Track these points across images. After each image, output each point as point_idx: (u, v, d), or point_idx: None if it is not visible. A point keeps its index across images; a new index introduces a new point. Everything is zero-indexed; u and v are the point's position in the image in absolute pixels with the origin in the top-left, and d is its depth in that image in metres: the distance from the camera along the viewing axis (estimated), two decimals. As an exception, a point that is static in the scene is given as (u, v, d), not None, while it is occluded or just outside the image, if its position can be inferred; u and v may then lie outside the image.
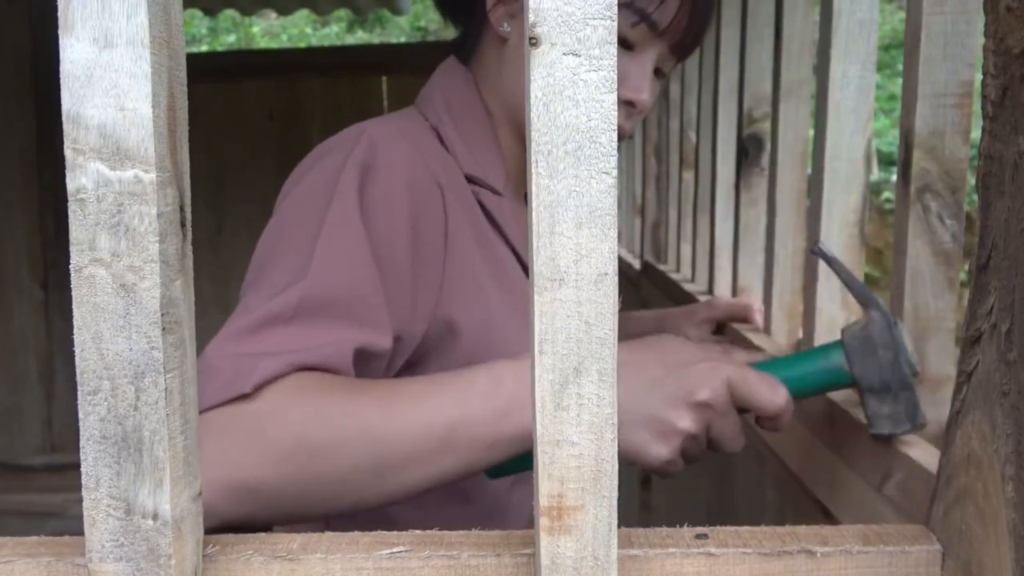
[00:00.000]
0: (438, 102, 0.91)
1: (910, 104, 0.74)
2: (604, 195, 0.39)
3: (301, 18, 10.06)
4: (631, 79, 0.87)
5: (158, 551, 0.41)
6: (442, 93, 0.92)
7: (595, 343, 0.40)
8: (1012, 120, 0.40)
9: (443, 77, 0.94)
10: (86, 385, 0.40)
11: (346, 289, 0.72)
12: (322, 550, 0.45)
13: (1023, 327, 0.40)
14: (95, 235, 0.39)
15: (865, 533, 0.47)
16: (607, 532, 0.42)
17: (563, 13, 0.38)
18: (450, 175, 0.84)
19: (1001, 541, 0.41)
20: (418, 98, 0.95)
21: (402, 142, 0.81)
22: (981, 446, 0.44)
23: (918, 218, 0.75)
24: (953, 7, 0.72)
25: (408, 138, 0.83)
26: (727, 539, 0.46)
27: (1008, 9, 0.40)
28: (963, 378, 0.46)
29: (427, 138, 0.87)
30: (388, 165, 0.78)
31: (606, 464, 0.41)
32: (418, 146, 0.83)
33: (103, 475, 0.41)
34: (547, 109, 0.38)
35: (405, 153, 0.80)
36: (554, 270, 0.40)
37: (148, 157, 0.38)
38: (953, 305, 0.76)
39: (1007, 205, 0.41)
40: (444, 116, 0.90)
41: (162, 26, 0.39)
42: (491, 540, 0.46)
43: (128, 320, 0.39)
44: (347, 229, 0.74)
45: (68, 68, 0.38)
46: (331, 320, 0.71)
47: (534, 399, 0.41)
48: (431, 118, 0.90)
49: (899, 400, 0.71)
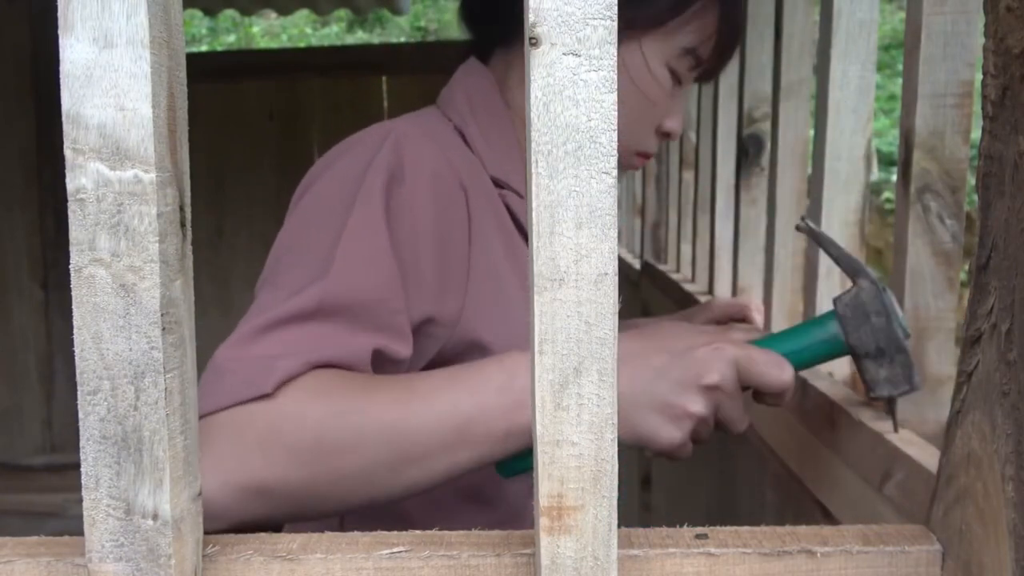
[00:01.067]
0: (461, 103, 0.90)
1: (910, 104, 0.74)
2: (604, 195, 0.39)
3: (301, 18, 10.06)
4: (676, 112, 0.91)
5: (158, 551, 0.41)
6: (465, 94, 0.91)
7: (595, 343, 0.40)
8: (1012, 120, 0.40)
9: (466, 78, 0.93)
10: (86, 385, 0.40)
11: (367, 292, 0.71)
12: (322, 550, 0.45)
13: (1023, 327, 0.40)
14: (95, 235, 0.39)
15: (865, 533, 0.47)
16: (607, 532, 0.42)
17: (563, 13, 0.38)
18: (476, 178, 0.84)
19: (1001, 541, 0.41)
20: (440, 98, 0.94)
21: (429, 144, 0.80)
22: (981, 446, 0.44)
23: (918, 218, 0.75)
24: (953, 7, 0.72)
25: (435, 140, 0.82)
26: (727, 539, 0.46)
27: (1008, 9, 0.40)
28: (963, 378, 0.46)
29: (452, 140, 0.86)
30: (415, 169, 0.77)
31: (606, 464, 0.41)
32: (444, 148, 0.82)
33: (103, 475, 0.41)
34: (547, 109, 0.38)
35: (432, 156, 0.79)
36: (554, 270, 0.40)
37: (148, 157, 0.38)
38: (953, 305, 0.76)
39: (1007, 205, 0.41)
40: (468, 117, 0.89)
41: (162, 26, 0.39)
42: (491, 540, 0.46)
43: (128, 320, 0.39)
44: (371, 232, 0.73)
45: (68, 68, 0.38)
46: (350, 322, 0.70)
47: (534, 399, 0.41)
48: (455, 119, 0.89)
49: (895, 363, 0.72)
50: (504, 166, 0.89)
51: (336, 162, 0.80)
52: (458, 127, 0.88)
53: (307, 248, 0.74)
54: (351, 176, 0.76)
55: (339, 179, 0.77)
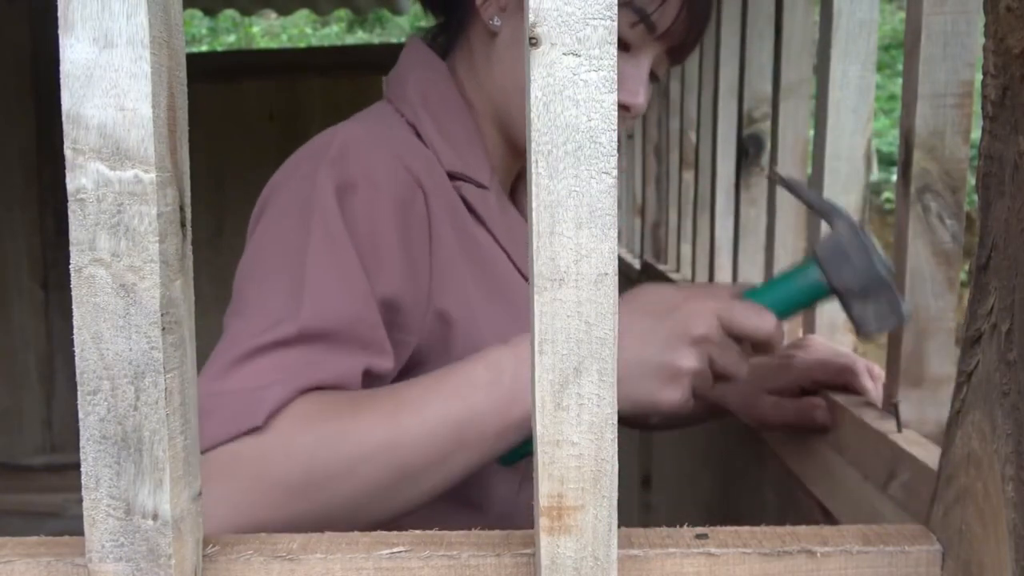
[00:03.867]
0: (413, 97, 0.87)
1: (910, 104, 0.74)
2: (604, 195, 0.39)
3: (301, 18, 10.06)
4: (627, 81, 0.85)
5: (158, 551, 0.41)
6: (417, 87, 0.88)
7: (595, 343, 0.40)
8: (1012, 120, 0.40)
9: (416, 71, 0.90)
10: (86, 385, 0.40)
11: (344, 313, 0.70)
12: (322, 550, 0.45)
13: (1023, 327, 0.40)
14: (95, 235, 0.39)
15: (865, 533, 0.47)
16: (607, 532, 0.42)
17: (563, 13, 0.38)
18: (430, 173, 0.82)
19: (1001, 541, 0.41)
20: (388, 91, 0.91)
21: (377, 149, 0.78)
22: (981, 446, 0.44)
23: (918, 218, 0.75)
24: (953, 7, 0.72)
25: (384, 143, 0.80)
26: (727, 539, 0.46)
27: (1008, 9, 0.40)
28: (963, 378, 0.46)
29: (404, 136, 0.84)
30: (366, 177, 0.76)
31: (606, 464, 0.41)
32: (394, 149, 0.80)
33: (103, 475, 0.41)
34: (547, 109, 0.38)
35: (382, 161, 0.78)
36: (554, 270, 0.40)
37: (148, 157, 0.38)
38: (953, 305, 0.76)
39: (1007, 205, 0.41)
40: (421, 111, 0.86)
41: (162, 26, 0.39)
42: (491, 540, 0.46)
43: (128, 320, 0.39)
44: (334, 249, 0.72)
45: (68, 68, 0.38)
46: (334, 344, 0.69)
47: (534, 399, 0.41)
48: (407, 113, 0.87)
49: (881, 299, 0.72)
50: (463, 159, 0.87)
51: (286, 182, 0.78)
52: (411, 121, 0.86)
53: (274, 276, 0.72)
54: (302, 195, 0.75)
55: (290, 201, 0.76)
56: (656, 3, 0.82)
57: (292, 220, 0.74)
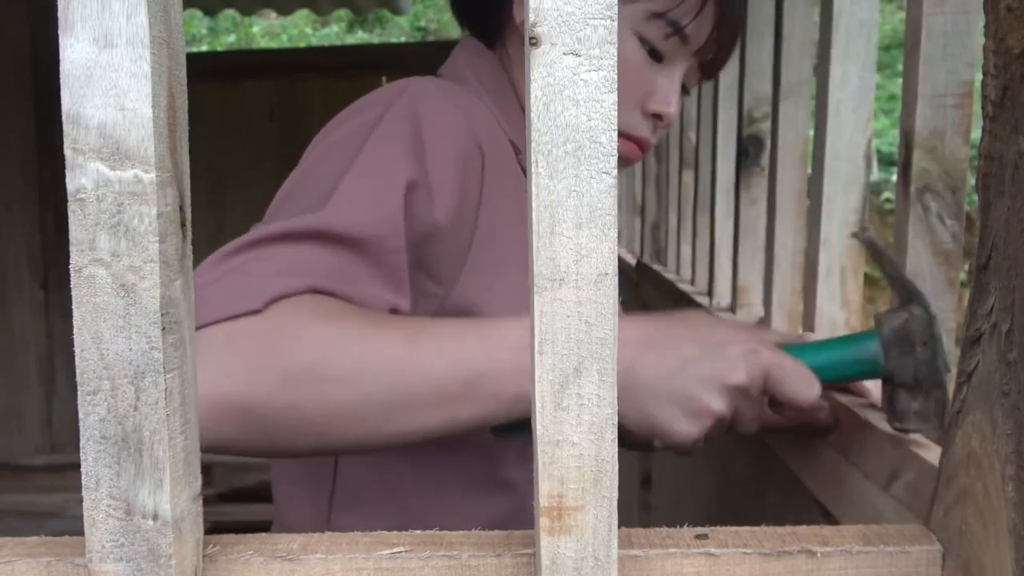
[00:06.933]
0: (470, 78, 0.87)
1: (910, 104, 0.74)
2: (604, 195, 0.39)
3: (301, 18, 10.06)
4: (660, 91, 0.85)
5: (158, 551, 0.41)
6: (472, 71, 0.88)
7: (595, 343, 0.40)
8: (1012, 120, 0.40)
9: (470, 57, 0.90)
10: (86, 385, 0.40)
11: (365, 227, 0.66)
12: (322, 550, 0.45)
13: (1023, 327, 0.40)
14: (95, 235, 0.39)
15: (865, 533, 0.47)
16: (607, 532, 0.42)
17: (563, 13, 0.38)
18: (494, 139, 0.81)
19: (1001, 541, 0.41)
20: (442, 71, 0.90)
21: (445, 100, 0.77)
22: (981, 446, 0.44)
23: (918, 218, 0.75)
24: (953, 7, 0.72)
25: (452, 98, 0.78)
26: (727, 539, 0.46)
27: (1008, 9, 0.40)
28: (963, 378, 0.46)
29: (469, 100, 0.82)
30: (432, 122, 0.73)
31: (606, 464, 0.41)
32: (461, 106, 0.78)
33: (103, 475, 0.41)
34: (547, 109, 0.38)
35: (448, 111, 0.76)
36: (554, 270, 0.40)
37: (148, 157, 0.38)
38: (953, 305, 0.76)
39: (1007, 205, 0.41)
40: (480, 91, 0.86)
41: (162, 26, 0.39)
42: (491, 540, 0.46)
43: (128, 320, 0.39)
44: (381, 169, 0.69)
45: (68, 68, 0.38)
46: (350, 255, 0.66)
47: (534, 399, 0.41)
48: (467, 87, 0.85)
49: (930, 398, 0.68)
50: (519, 138, 0.86)
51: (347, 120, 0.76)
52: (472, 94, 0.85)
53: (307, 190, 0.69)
54: (366, 124, 0.73)
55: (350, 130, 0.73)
56: (691, 16, 0.82)
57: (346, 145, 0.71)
